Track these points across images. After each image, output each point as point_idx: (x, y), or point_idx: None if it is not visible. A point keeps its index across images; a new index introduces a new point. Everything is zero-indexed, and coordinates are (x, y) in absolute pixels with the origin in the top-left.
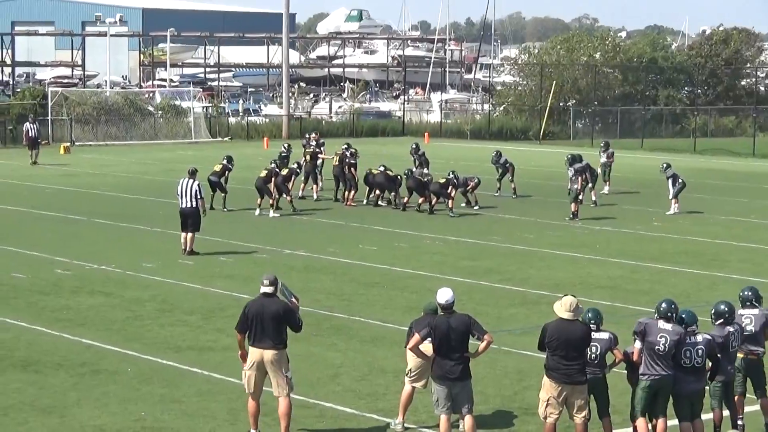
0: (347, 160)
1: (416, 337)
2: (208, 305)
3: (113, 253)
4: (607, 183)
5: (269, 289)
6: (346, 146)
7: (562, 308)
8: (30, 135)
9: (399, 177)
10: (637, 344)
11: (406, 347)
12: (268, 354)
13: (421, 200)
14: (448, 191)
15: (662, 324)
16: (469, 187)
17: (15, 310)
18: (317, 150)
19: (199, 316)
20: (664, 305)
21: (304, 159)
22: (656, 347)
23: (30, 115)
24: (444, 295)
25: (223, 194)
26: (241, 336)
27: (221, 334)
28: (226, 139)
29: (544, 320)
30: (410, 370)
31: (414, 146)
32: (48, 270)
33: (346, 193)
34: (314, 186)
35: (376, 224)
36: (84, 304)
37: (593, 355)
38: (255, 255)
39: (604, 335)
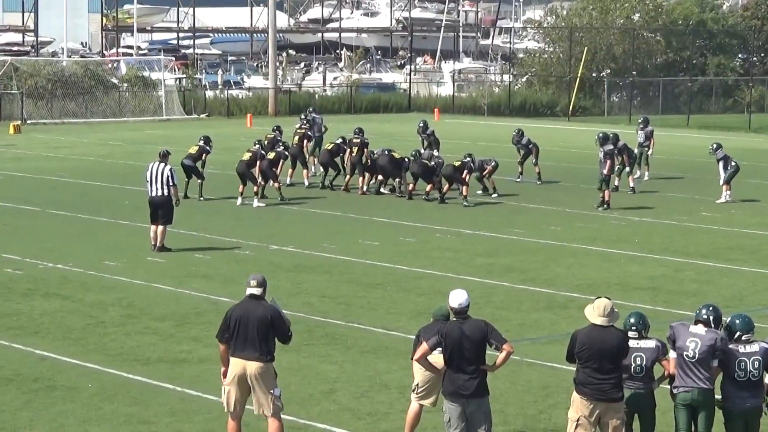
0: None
1: (424, 346)
2: (182, 310)
3: (72, 250)
4: (647, 167)
5: (257, 291)
6: (359, 132)
7: (595, 312)
8: None
9: (405, 160)
10: (672, 353)
11: (412, 359)
12: (252, 366)
13: (428, 187)
14: (463, 176)
15: (694, 328)
16: (485, 172)
17: None
18: (308, 132)
19: (171, 322)
20: (700, 308)
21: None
22: (685, 353)
23: None
24: (457, 298)
25: (199, 180)
26: (223, 346)
27: (197, 344)
28: (203, 116)
29: (574, 327)
30: (417, 385)
31: (422, 124)
32: None
33: (348, 178)
34: (304, 171)
35: (378, 215)
36: (37, 310)
37: (638, 368)
38: (236, 251)
39: (651, 344)
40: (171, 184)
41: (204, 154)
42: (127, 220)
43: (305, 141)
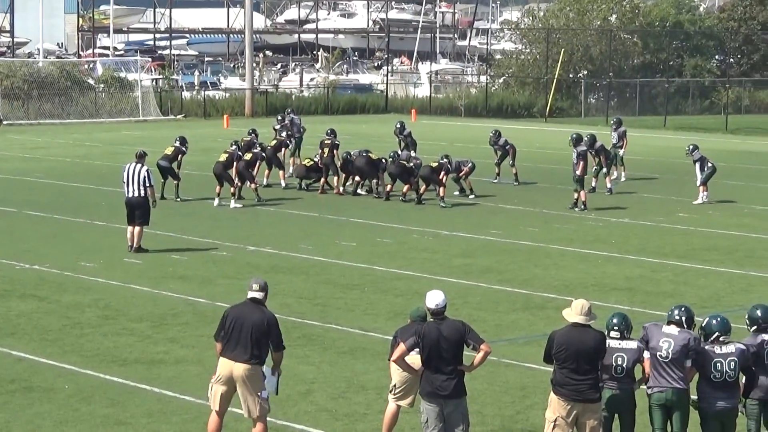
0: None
1: (401, 347)
2: (159, 311)
3: (48, 251)
4: (623, 167)
5: (258, 295)
6: (331, 133)
7: (573, 311)
8: None
9: (383, 160)
10: (646, 354)
11: (389, 360)
12: (239, 368)
13: (405, 188)
14: (440, 177)
15: (667, 328)
16: (462, 173)
17: None
18: (286, 141)
19: (148, 323)
20: (672, 308)
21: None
22: (658, 353)
23: None
24: (434, 299)
25: (175, 181)
26: (219, 345)
27: (174, 345)
28: (180, 117)
29: (551, 327)
30: (394, 386)
31: (399, 125)
32: None
33: (325, 180)
34: (281, 172)
35: (356, 216)
36: (14, 310)
37: (618, 368)
38: (214, 252)
39: (632, 344)
40: (147, 185)
41: (180, 155)
42: (104, 221)
43: (282, 148)
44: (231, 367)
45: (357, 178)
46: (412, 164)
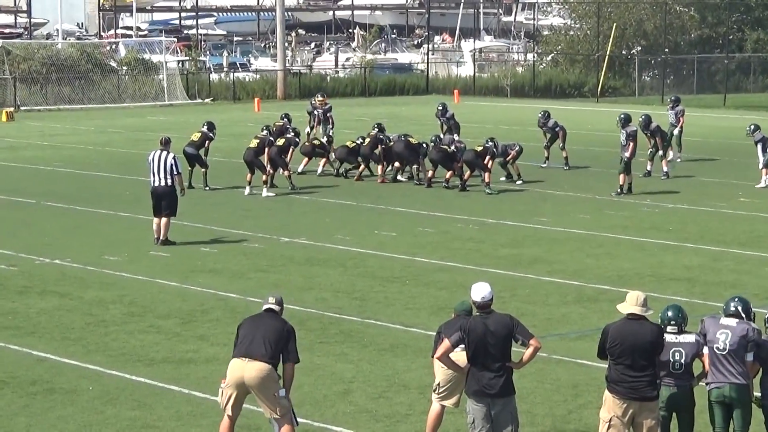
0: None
1: (446, 343)
2: (188, 307)
3: (69, 244)
4: (679, 147)
5: (275, 307)
6: (378, 127)
7: (628, 303)
8: None
9: (423, 145)
10: (705, 348)
11: (433, 357)
12: (251, 368)
13: (448, 174)
14: (485, 162)
15: (725, 320)
16: (509, 157)
17: None
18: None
19: (176, 320)
20: (728, 301)
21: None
22: (715, 346)
23: None
24: (480, 291)
25: (203, 169)
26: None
27: (204, 343)
28: (207, 100)
29: (605, 321)
30: (438, 384)
31: (441, 107)
32: None
33: (362, 169)
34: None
35: (395, 204)
36: (34, 308)
37: (676, 364)
38: (245, 244)
39: (690, 338)
40: (175, 172)
41: (207, 141)
42: (128, 211)
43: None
44: (242, 369)
45: (397, 164)
46: (454, 148)
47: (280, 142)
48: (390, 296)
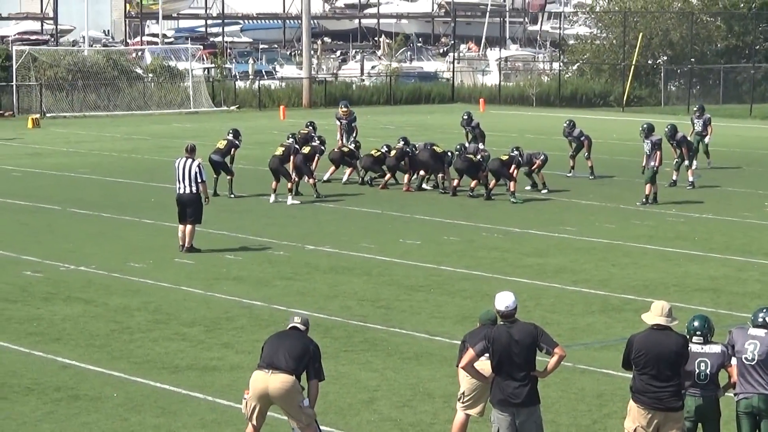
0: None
1: (470, 352)
2: (212, 315)
3: (94, 251)
4: (707, 156)
5: (300, 326)
6: (404, 141)
7: (653, 313)
8: None
9: (448, 153)
10: (733, 359)
11: (458, 366)
12: (275, 380)
13: (473, 183)
14: (510, 171)
15: (754, 330)
16: (534, 166)
17: None
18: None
19: (200, 328)
20: (756, 312)
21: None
22: (744, 356)
23: None
24: (503, 301)
25: (228, 177)
26: None
27: (228, 351)
28: (233, 108)
29: (630, 331)
30: (463, 393)
31: (466, 116)
32: (14, 272)
33: (387, 178)
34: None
35: (420, 213)
36: (59, 315)
37: (702, 374)
38: (270, 252)
39: (716, 349)
40: (200, 180)
41: (233, 149)
42: (153, 219)
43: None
44: (266, 381)
45: (422, 173)
46: (479, 157)
47: (306, 150)
48: (415, 305)
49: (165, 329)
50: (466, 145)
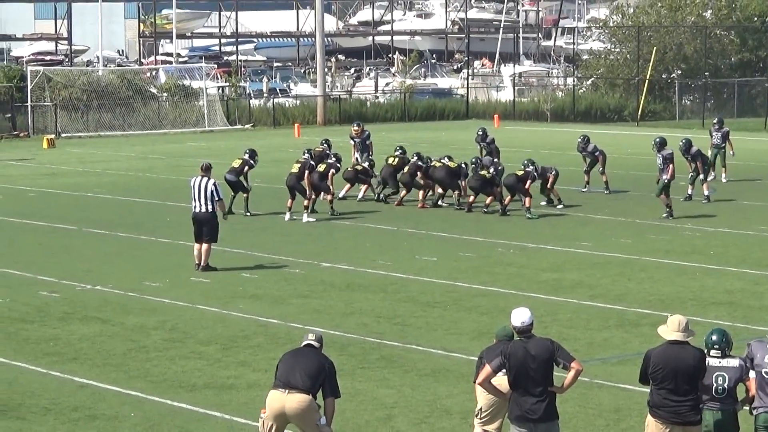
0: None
1: (487, 368)
2: (229, 333)
3: (110, 270)
4: (724, 169)
5: (315, 343)
6: (417, 156)
7: (669, 328)
8: None
9: (462, 166)
10: (751, 373)
11: (475, 382)
12: (292, 399)
13: (488, 199)
14: (526, 186)
15: None
16: (548, 183)
17: None
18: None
19: (217, 346)
20: None
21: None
22: (764, 371)
23: None
24: (519, 316)
25: (245, 195)
26: None
27: (245, 369)
28: (248, 126)
29: (647, 346)
30: (480, 409)
31: (481, 132)
32: (30, 292)
33: (404, 194)
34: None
35: (436, 230)
36: (76, 334)
37: (720, 388)
38: (286, 270)
39: (734, 362)
40: (216, 199)
41: (246, 168)
42: (169, 237)
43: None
44: (282, 401)
45: (439, 191)
46: (493, 171)
47: (321, 167)
48: (431, 321)
49: (181, 348)
50: (481, 158)
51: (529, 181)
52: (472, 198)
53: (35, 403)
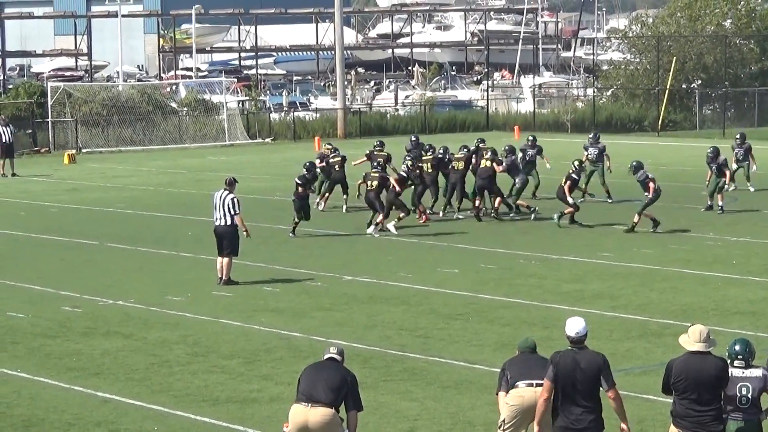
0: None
1: (547, 384)
2: (251, 347)
3: (132, 285)
4: (748, 182)
5: (337, 357)
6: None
7: (691, 339)
8: (3, 141)
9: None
10: None
11: (497, 393)
12: (315, 413)
13: (497, 202)
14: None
15: None
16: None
17: (14, 358)
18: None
19: (239, 360)
20: None
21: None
22: None
23: (2, 117)
24: (574, 326)
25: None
26: None
27: (268, 382)
28: (268, 140)
29: (670, 356)
30: (503, 421)
31: (507, 147)
32: (53, 307)
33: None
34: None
35: (457, 241)
36: (98, 349)
37: (743, 398)
38: (307, 283)
39: (757, 372)
40: (234, 212)
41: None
42: (190, 252)
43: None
44: (306, 414)
45: (477, 203)
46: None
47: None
48: (454, 333)
49: (204, 362)
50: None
51: (568, 184)
52: (478, 201)
53: (58, 418)
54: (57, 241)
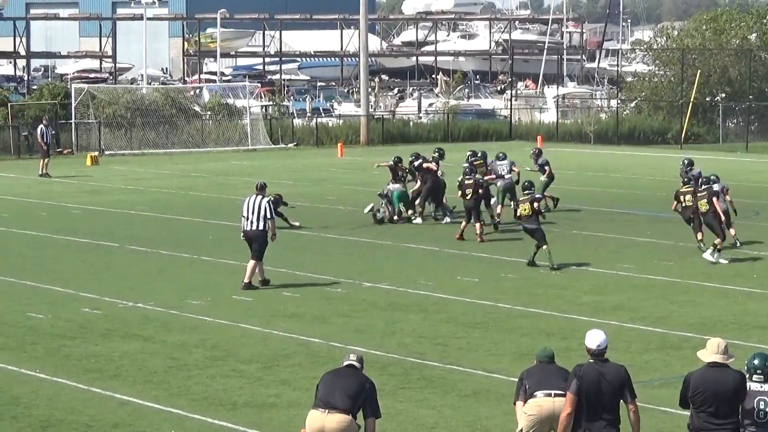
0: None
1: (570, 397)
2: (270, 352)
3: (152, 288)
4: None
5: (356, 364)
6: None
7: (709, 351)
8: (46, 140)
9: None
10: None
11: (515, 403)
12: (332, 420)
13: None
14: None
15: None
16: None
17: (33, 359)
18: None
19: (258, 365)
20: None
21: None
22: None
23: (45, 117)
24: (595, 339)
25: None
26: None
27: (286, 388)
28: (291, 145)
29: (689, 368)
30: (521, 431)
31: (536, 150)
32: (73, 309)
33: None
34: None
35: (478, 250)
36: (117, 351)
37: (761, 412)
38: (327, 289)
39: None
40: (269, 217)
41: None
42: (211, 256)
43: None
44: (323, 421)
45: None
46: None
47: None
48: (472, 342)
49: (222, 366)
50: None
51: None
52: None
53: (76, 419)
54: (78, 243)
